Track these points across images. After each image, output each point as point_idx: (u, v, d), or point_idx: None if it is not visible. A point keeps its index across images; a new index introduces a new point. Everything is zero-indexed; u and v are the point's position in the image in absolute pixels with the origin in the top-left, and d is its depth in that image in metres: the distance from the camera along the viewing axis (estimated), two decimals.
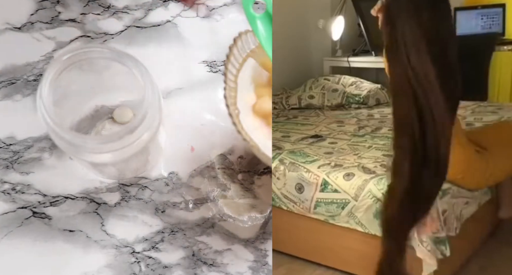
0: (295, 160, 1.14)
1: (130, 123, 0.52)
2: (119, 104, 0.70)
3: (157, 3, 0.80)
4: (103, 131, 0.69)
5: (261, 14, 0.58)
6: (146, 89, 0.53)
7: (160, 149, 0.70)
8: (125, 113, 0.69)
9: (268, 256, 0.72)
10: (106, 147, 0.52)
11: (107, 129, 0.69)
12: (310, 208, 1.10)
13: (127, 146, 0.53)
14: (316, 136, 1.34)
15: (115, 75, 0.58)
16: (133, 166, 0.68)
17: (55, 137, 0.53)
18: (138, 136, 0.53)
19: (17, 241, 0.69)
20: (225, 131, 0.75)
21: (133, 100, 0.65)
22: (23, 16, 0.77)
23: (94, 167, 0.64)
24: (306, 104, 1.74)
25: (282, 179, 1.14)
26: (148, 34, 0.78)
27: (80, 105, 0.67)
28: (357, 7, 1.98)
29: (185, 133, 0.75)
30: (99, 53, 0.54)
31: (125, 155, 0.55)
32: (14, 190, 0.70)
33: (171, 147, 0.73)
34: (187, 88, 0.77)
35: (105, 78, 0.62)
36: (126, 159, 0.56)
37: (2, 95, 0.74)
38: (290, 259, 1.20)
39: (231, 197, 0.73)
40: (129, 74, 0.54)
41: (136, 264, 0.69)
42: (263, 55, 0.61)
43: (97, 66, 0.58)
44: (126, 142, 0.52)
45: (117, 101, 0.70)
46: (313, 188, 1.09)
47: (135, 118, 0.52)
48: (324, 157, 1.15)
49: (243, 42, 0.63)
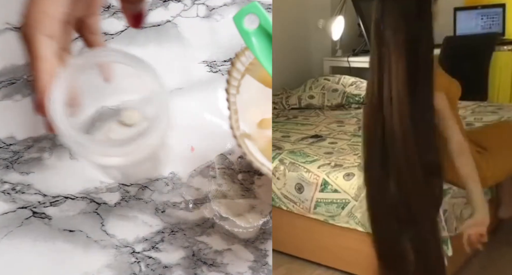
0: (295, 160, 1.14)
1: (141, 126, 0.52)
2: (126, 106, 0.70)
3: (157, 3, 0.80)
4: (110, 133, 0.69)
5: (255, 29, 0.55)
6: (157, 92, 0.53)
7: (169, 150, 0.70)
8: (132, 115, 0.70)
9: (268, 256, 0.72)
10: (119, 151, 0.52)
11: (114, 131, 0.69)
12: (310, 208, 1.10)
13: (138, 149, 0.53)
14: (316, 136, 1.34)
15: (124, 77, 0.58)
16: (143, 168, 0.68)
17: (65, 140, 0.53)
18: (150, 139, 0.53)
19: (17, 241, 0.69)
20: (225, 131, 0.75)
21: (141, 102, 0.65)
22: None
23: (103, 169, 0.64)
24: (306, 104, 1.74)
25: (282, 179, 1.14)
26: (148, 34, 0.78)
27: (87, 106, 0.67)
28: (357, 7, 1.98)
29: (185, 133, 0.75)
30: (110, 56, 0.55)
31: (136, 158, 0.55)
32: (14, 190, 0.70)
33: (171, 147, 0.73)
34: (187, 88, 0.77)
35: (113, 80, 0.62)
36: (136, 162, 0.56)
37: (2, 95, 0.74)
38: (290, 259, 1.20)
39: (231, 197, 0.73)
40: (138, 77, 0.54)
41: (136, 264, 0.69)
42: (261, 70, 0.59)
43: (105, 68, 0.58)
44: (138, 145, 0.52)
45: (124, 103, 0.70)
46: (313, 188, 1.09)
47: (146, 121, 0.52)
48: (324, 157, 1.15)
49: (240, 62, 0.61)
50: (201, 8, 0.81)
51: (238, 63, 0.61)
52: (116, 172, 0.67)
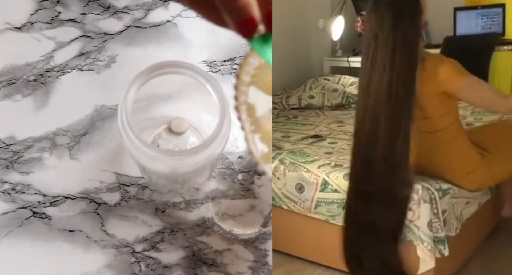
0: (295, 160, 1.14)
1: (206, 138, 0.52)
2: (180, 114, 0.71)
3: (157, 3, 0.80)
4: (160, 140, 0.70)
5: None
6: (221, 103, 0.53)
7: (217, 161, 0.70)
8: (182, 123, 0.70)
9: (268, 256, 0.72)
10: (181, 162, 0.53)
11: (163, 139, 0.70)
12: (310, 207, 1.10)
13: (201, 162, 0.53)
14: (316, 136, 1.34)
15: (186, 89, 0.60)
16: (193, 178, 0.68)
17: (123, 132, 0.53)
18: (212, 151, 0.53)
19: (17, 241, 0.69)
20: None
21: (204, 112, 0.66)
22: (23, 16, 0.77)
23: (144, 170, 0.64)
24: (306, 104, 1.74)
25: (282, 179, 1.14)
26: (148, 34, 0.78)
27: (142, 112, 0.67)
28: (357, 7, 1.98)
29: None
30: (181, 70, 0.55)
31: (191, 169, 0.55)
32: (14, 190, 0.70)
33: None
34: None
35: (171, 90, 0.64)
36: (190, 172, 0.56)
37: (2, 95, 0.74)
38: (290, 259, 1.20)
39: (231, 197, 0.73)
40: (205, 92, 0.55)
41: (136, 264, 0.69)
42: (263, 78, 0.57)
43: (172, 81, 0.59)
44: (200, 157, 0.52)
45: (180, 110, 0.71)
46: (313, 188, 1.09)
47: (211, 134, 0.52)
48: (324, 157, 1.15)
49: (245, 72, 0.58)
50: None
51: (243, 75, 0.57)
52: (158, 178, 0.68)
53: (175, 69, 0.55)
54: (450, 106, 0.92)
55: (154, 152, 0.51)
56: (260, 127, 0.56)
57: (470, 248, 1.12)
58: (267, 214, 0.73)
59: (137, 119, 0.65)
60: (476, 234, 1.14)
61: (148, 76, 0.54)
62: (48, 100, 0.74)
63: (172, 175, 0.62)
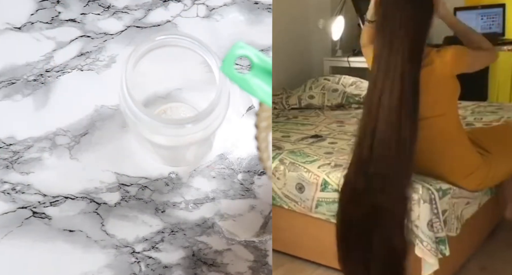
0: (295, 160, 1.14)
1: (205, 108, 0.53)
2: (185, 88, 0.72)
3: (157, 3, 0.80)
4: (164, 115, 0.71)
5: (250, 71, 0.48)
6: (220, 78, 0.54)
7: (213, 138, 0.70)
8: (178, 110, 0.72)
9: (268, 256, 0.72)
10: (175, 131, 0.53)
11: (168, 114, 0.72)
12: (311, 207, 1.10)
13: (201, 131, 0.54)
14: (316, 136, 1.34)
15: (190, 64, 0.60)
16: (194, 152, 0.69)
17: (126, 110, 0.53)
18: (209, 122, 0.53)
19: (17, 241, 0.69)
20: (225, 131, 0.75)
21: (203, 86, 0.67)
22: (23, 16, 0.77)
23: (153, 148, 0.64)
24: (306, 104, 1.73)
25: (282, 179, 1.14)
26: (148, 34, 0.78)
27: (149, 87, 0.68)
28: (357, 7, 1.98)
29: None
30: (179, 41, 0.55)
31: (189, 141, 0.55)
32: (14, 190, 0.70)
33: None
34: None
35: (178, 67, 0.64)
36: (188, 145, 0.57)
37: (2, 95, 0.74)
38: (290, 259, 1.20)
39: (231, 197, 0.73)
40: (204, 63, 0.56)
41: (136, 264, 0.69)
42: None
43: (173, 54, 0.59)
44: (198, 128, 0.53)
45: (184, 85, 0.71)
46: (313, 188, 1.09)
47: (209, 104, 0.53)
48: (324, 157, 1.15)
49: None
50: (201, 8, 0.81)
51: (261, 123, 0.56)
52: (165, 153, 0.67)
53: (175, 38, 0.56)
54: (450, 106, 0.92)
55: (152, 119, 0.52)
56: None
57: (470, 248, 1.12)
58: (267, 214, 0.73)
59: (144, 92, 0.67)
60: (476, 234, 1.14)
61: (147, 45, 0.54)
62: (48, 100, 0.74)
63: (174, 148, 0.62)
